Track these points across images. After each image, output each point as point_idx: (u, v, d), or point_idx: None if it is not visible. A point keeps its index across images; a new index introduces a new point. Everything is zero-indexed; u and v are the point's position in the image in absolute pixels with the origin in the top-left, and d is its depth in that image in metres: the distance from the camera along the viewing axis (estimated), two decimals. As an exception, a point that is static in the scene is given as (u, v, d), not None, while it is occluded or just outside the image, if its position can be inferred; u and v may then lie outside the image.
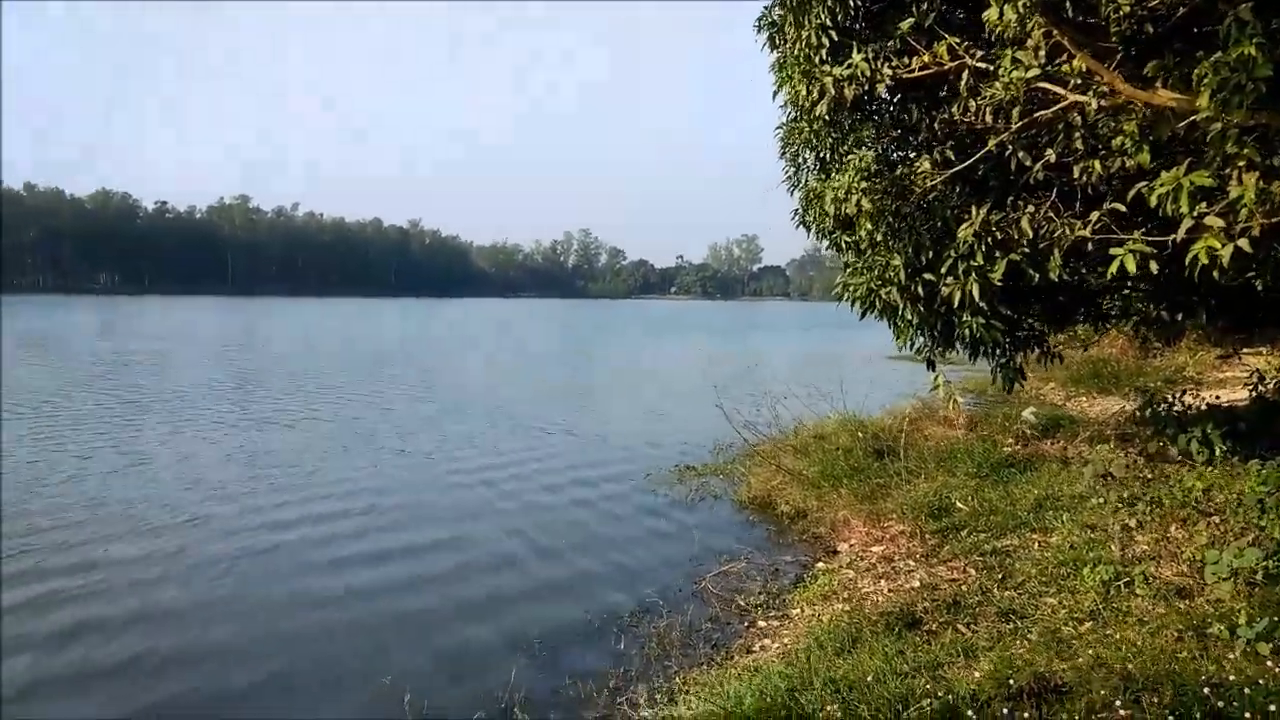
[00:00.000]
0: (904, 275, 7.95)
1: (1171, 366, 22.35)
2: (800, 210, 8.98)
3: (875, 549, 10.30)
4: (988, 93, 6.71)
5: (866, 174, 7.34)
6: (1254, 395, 12.86)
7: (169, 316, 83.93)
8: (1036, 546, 9.06)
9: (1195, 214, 5.37)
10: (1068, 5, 6.13)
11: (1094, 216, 6.58)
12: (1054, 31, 6.21)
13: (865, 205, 7.23)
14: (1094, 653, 5.98)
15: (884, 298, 8.31)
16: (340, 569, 10.66)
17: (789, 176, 9.66)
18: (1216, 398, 13.93)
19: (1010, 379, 9.47)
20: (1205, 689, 5.04)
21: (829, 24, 7.23)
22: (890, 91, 7.51)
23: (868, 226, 7.48)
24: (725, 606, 9.24)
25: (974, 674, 5.93)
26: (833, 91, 7.06)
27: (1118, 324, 12.83)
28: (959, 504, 10.92)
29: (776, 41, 8.49)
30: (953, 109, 7.16)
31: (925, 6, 7.06)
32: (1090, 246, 6.90)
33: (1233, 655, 5.70)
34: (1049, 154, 6.80)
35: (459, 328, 78.58)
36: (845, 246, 8.90)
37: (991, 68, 6.65)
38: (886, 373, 32.43)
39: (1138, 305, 10.99)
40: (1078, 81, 6.29)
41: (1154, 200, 5.60)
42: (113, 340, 49.59)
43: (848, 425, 15.21)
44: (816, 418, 16.50)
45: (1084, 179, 6.71)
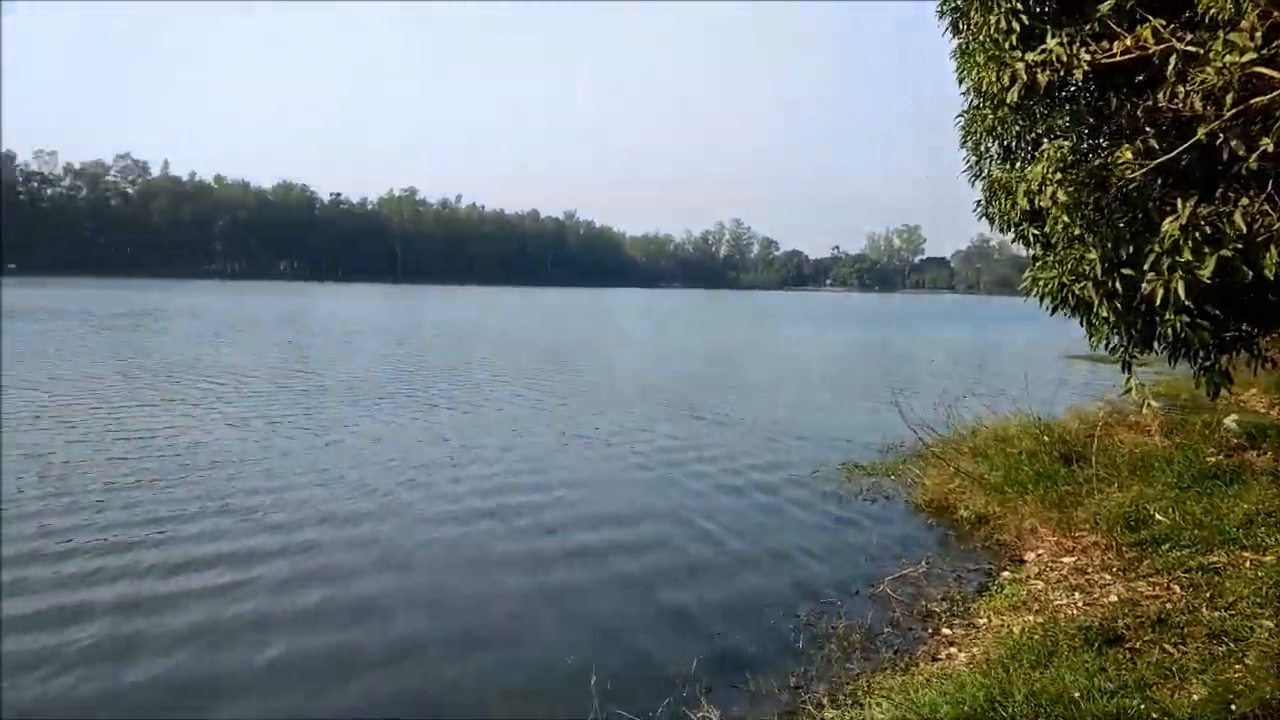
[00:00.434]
0: (1100, 270, 7.50)
1: (1397, 374, 20.34)
2: (983, 201, 8.61)
3: (1066, 560, 9.80)
4: (1197, 78, 6.25)
5: (1062, 164, 6.97)
6: None
7: (361, 302, 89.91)
8: (1248, 565, 8.40)
9: None
10: (1289, -18, 5.66)
11: (1319, 209, 6.06)
12: (1272, 12, 5.74)
13: (1061, 196, 6.86)
14: (1325, 681, 5.53)
15: (1077, 293, 7.86)
16: (528, 553, 11.07)
17: (969, 166, 9.28)
18: None
19: (1216, 383, 8.77)
20: None
21: (1019, 7, 6.91)
22: (1086, 77, 7.11)
23: (1064, 219, 7.10)
24: (906, 611, 9.00)
25: (1189, 697, 5.59)
26: (1024, 78, 6.74)
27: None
28: (1158, 515, 10.24)
29: (960, 27, 8.17)
30: (1157, 96, 6.72)
31: (1127, -14, 6.66)
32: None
33: None
34: (1265, 143, 6.28)
35: (617, 317, 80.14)
36: (1033, 239, 8.49)
37: (1201, 51, 6.21)
38: (1064, 372, 30.88)
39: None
40: (1299, 65, 5.80)
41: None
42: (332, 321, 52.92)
43: (1031, 428, 14.54)
44: (995, 418, 15.84)
45: (1307, 169, 6.18)
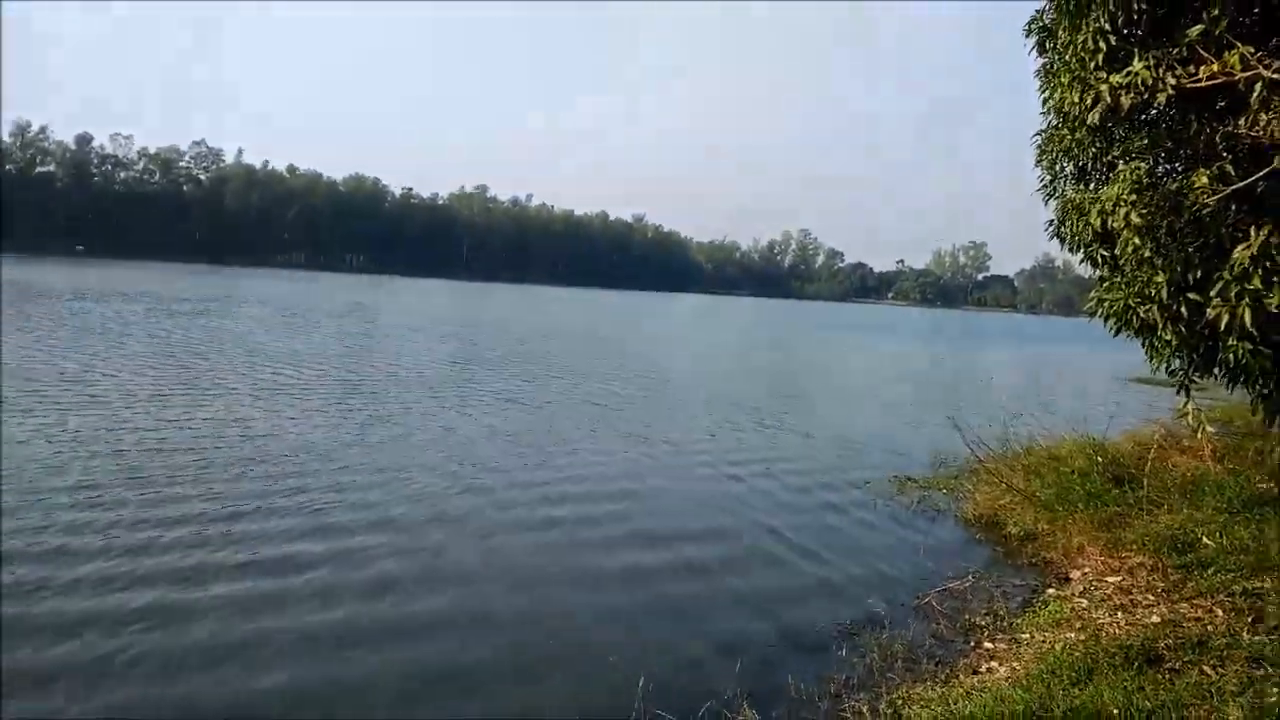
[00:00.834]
0: (1166, 293, 7.58)
1: None
2: (1056, 220, 8.68)
3: (1111, 579, 9.83)
4: (1281, 106, 6.32)
5: (1138, 186, 7.05)
6: None
7: (431, 299, 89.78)
8: (1294, 591, 8.42)
9: None
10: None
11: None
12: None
13: (1134, 219, 6.94)
14: (1364, 710, 5.58)
15: (1142, 315, 7.94)
16: (578, 557, 11.12)
17: (1044, 185, 9.35)
18: None
19: (1274, 412, 8.81)
20: None
21: (1108, 28, 6.99)
22: (1169, 101, 7.18)
23: (1135, 241, 7.18)
24: (949, 624, 9.06)
25: (1226, 718, 5.66)
26: (1108, 100, 6.83)
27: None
28: (1205, 540, 10.24)
29: (1046, 46, 8.26)
30: (1238, 122, 6.78)
31: (1215, 13, 6.71)
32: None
33: None
34: (1343, 174, 6.33)
35: (684, 324, 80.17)
36: (1102, 260, 8.55)
37: (1287, 79, 6.26)
38: (1122, 394, 30.51)
39: None
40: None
41: None
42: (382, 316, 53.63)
43: (1085, 448, 14.50)
44: (1051, 437, 15.80)
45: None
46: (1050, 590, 9.99)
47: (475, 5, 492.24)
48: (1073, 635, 8.13)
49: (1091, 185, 8.52)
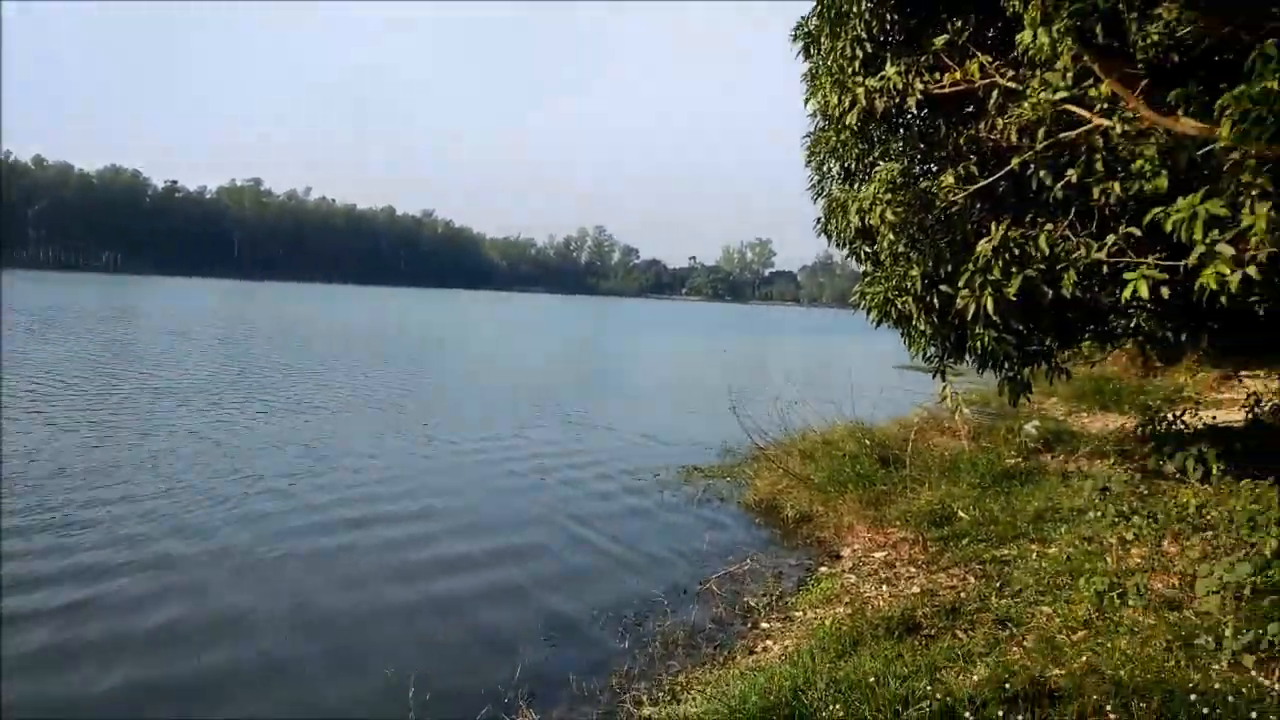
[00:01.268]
0: (920, 286, 8.14)
1: (1172, 386, 22.43)
2: (823, 218, 9.14)
3: (878, 554, 10.47)
4: (1015, 112, 6.90)
5: (892, 186, 7.52)
6: (1250, 417, 13.14)
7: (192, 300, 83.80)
8: (1035, 556, 9.22)
9: (1207, 241, 5.54)
10: (1098, 31, 6.29)
11: (1110, 240, 6.76)
12: (1084, 56, 6.38)
13: (889, 216, 7.41)
14: (1087, 660, 6.16)
15: (899, 307, 8.49)
16: (350, 554, 10.88)
17: (813, 184, 9.83)
18: (1214, 418, 14.16)
19: (1017, 392, 9.65)
20: (1192, 696, 5.26)
21: (864, 36, 7.43)
22: (919, 105, 7.69)
23: (890, 237, 7.67)
24: (729, 607, 9.32)
25: (972, 678, 6.09)
26: (864, 102, 7.26)
27: (1122, 342, 13.02)
28: (961, 513, 11.10)
29: (811, 51, 8.67)
30: (979, 126, 7.36)
31: (960, 24, 7.25)
32: (1105, 268, 7.08)
33: (1218, 665, 5.91)
34: (1070, 174, 6.95)
35: (474, 322, 78.93)
36: (865, 256, 9.09)
37: (1021, 88, 6.84)
38: (894, 380, 32.52)
39: (1144, 325, 11.18)
40: (1103, 105, 6.47)
41: (1169, 226, 5.76)
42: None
43: (855, 432, 15.38)
44: (825, 423, 16.62)
45: (1102, 200, 6.87)
46: (823, 568, 10.49)
47: None
48: (841, 610, 8.53)
49: (856, 185, 9.00)
